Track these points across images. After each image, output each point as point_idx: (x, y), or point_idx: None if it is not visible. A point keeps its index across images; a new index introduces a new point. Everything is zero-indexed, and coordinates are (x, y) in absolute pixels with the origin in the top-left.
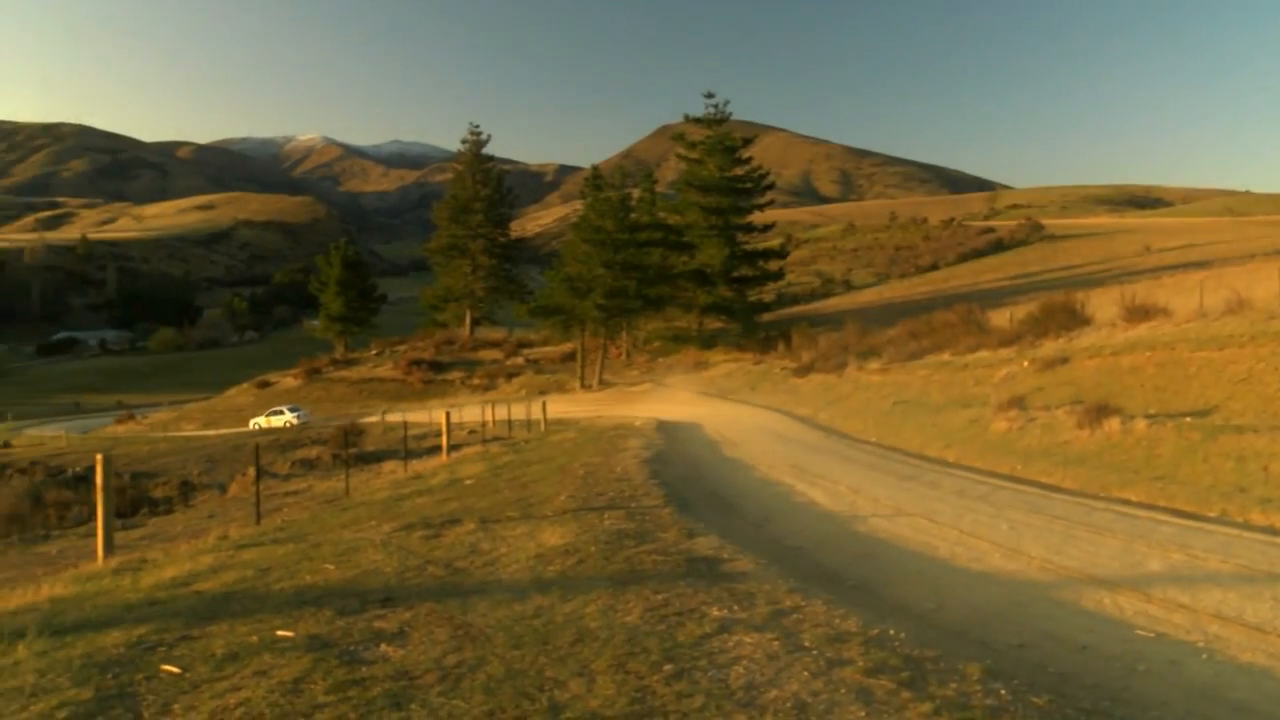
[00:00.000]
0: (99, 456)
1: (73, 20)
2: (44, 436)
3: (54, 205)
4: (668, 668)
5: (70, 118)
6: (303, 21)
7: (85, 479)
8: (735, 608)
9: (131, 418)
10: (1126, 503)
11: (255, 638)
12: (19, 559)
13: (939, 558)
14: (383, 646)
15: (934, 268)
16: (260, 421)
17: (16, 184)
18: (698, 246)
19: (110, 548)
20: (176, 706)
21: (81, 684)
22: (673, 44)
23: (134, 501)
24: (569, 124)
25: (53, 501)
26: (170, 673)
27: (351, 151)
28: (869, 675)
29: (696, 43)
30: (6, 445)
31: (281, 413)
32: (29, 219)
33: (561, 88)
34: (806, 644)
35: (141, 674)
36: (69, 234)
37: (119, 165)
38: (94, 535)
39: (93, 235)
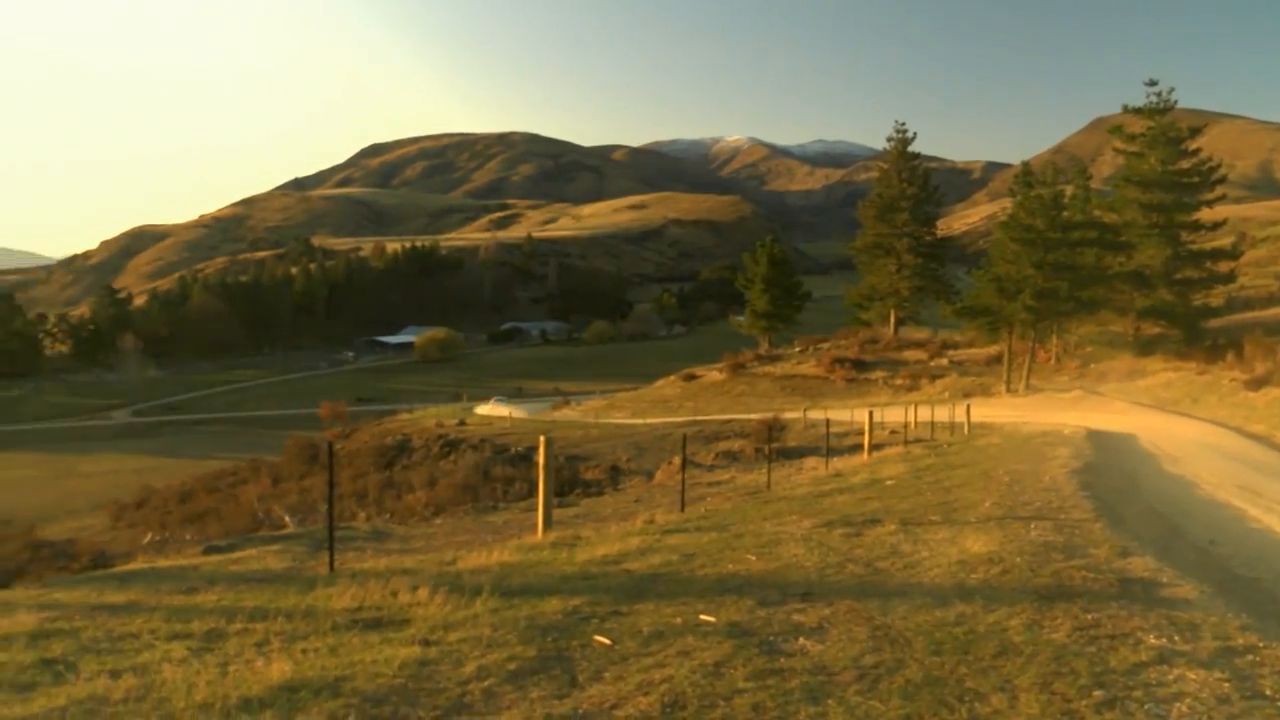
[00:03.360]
0: (542, 439)
1: (523, 37)
2: (491, 417)
3: (504, 207)
4: (1097, 694)
5: (520, 127)
6: (729, 27)
7: (526, 458)
8: (1176, 638)
9: (567, 404)
10: None
11: (679, 619)
12: (472, 525)
13: None
14: (801, 640)
15: None
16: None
17: (475, 188)
18: (1136, 246)
19: (549, 523)
20: (607, 675)
21: (526, 642)
22: (1108, 31)
23: (568, 482)
24: (996, 119)
25: (498, 476)
26: (601, 643)
27: (777, 151)
28: None
29: (1135, 28)
30: (462, 424)
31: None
32: (484, 220)
33: (989, 82)
34: (1267, 692)
35: (576, 641)
36: (516, 233)
37: (560, 169)
38: (534, 510)
39: (536, 234)
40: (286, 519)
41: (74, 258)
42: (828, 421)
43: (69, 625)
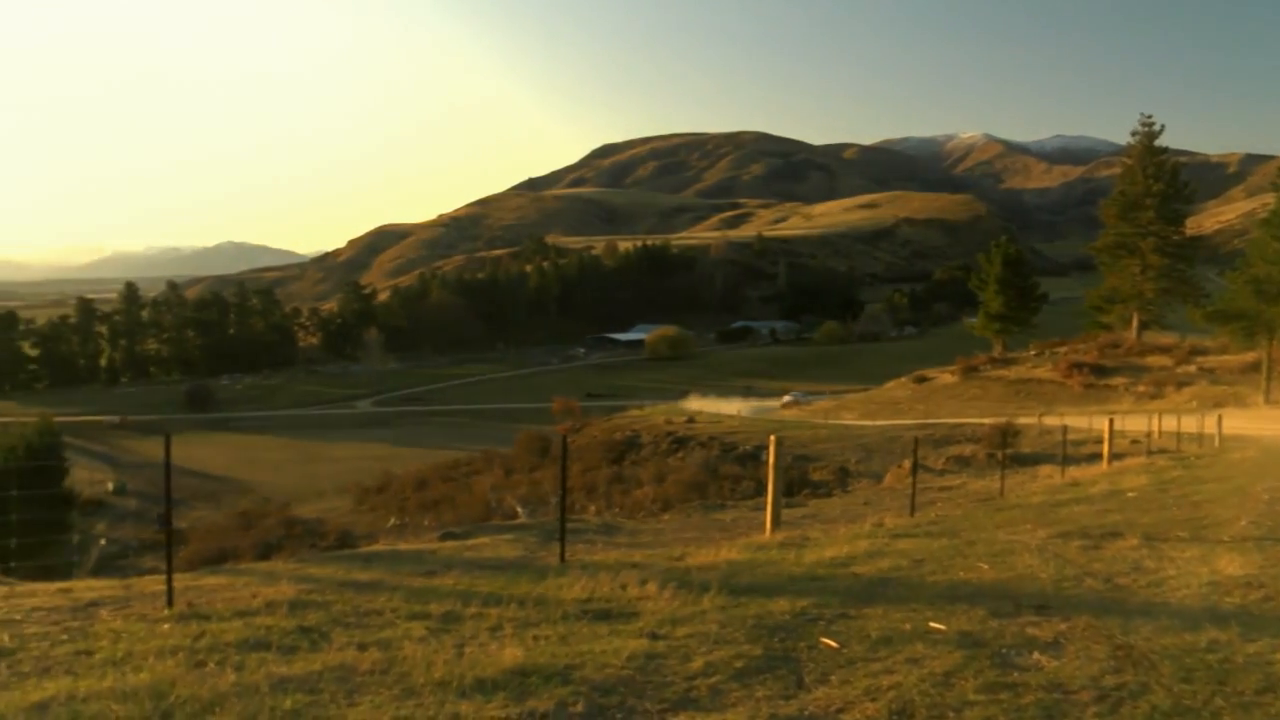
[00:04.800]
0: (772, 438)
1: (753, 36)
2: (720, 415)
3: (735, 206)
4: None
5: (750, 126)
6: (961, 21)
7: (754, 456)
8: None
9: (795, 404)
10: None
11: (908, 625)
12: (700, 522)
13: None
14: (1035, 654)
15: None
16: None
17: (705, 188)
18: None
19: (777, 522)
20: (834, 678)
21: (753, 641)
22: None
23: (796, 482)
24: (1257, 108)
25: (726, 474)
26: (829, 646)
27: (1012, 148)
28: None
29: None
30: (691, 421)
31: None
32: (714, 219)
33: (1248, 67)
34: None
35: (803, 642)
36: (747, 232)
37: (790, 167)
38: (762, 509)
39: (767, 233)
40: (518, 509)
41: (324, 255)
42: (1064, 428)
43: (322, 598)
